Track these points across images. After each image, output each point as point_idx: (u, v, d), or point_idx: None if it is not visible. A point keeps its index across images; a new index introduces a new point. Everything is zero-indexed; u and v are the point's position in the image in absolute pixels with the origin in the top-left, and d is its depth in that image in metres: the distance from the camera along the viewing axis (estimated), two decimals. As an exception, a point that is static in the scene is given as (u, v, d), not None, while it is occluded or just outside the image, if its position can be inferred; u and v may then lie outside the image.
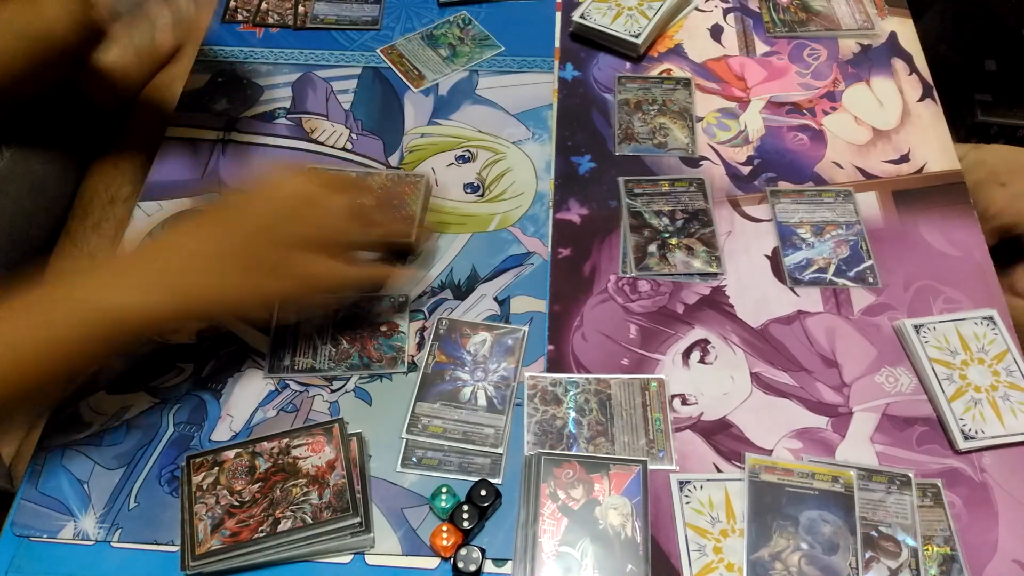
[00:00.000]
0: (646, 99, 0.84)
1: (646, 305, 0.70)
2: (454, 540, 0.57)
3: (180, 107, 0.84)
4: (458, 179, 0.78)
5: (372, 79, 0.86)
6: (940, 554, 0.57)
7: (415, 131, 0.82)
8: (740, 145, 0.81)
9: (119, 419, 0.64)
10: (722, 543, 0.57)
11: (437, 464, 0.61)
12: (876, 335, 0.68)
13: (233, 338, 0.68)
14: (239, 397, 0.65)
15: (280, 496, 0.58)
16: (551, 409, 0.64)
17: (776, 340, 0.68)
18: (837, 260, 0.72)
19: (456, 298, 0.70)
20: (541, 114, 0.83)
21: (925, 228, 0.74)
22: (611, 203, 0.76)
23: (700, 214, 0.75)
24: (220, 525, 0.56)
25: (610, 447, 0.62)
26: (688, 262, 0.72)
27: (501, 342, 0.67)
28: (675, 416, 0.64)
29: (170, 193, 0.78)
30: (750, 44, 0.89)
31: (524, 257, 0.73)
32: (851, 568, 0.56)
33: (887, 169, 0.79)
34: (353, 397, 0.65)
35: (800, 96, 0.85)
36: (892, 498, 0.58)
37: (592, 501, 0.58)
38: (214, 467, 0.59)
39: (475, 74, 0.87)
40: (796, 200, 0.76)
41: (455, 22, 0.91)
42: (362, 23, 0.91)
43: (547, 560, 0.56)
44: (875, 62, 0.87)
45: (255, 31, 0.91)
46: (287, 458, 0.59)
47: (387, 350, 0.67)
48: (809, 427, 0.63)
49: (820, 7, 0.92)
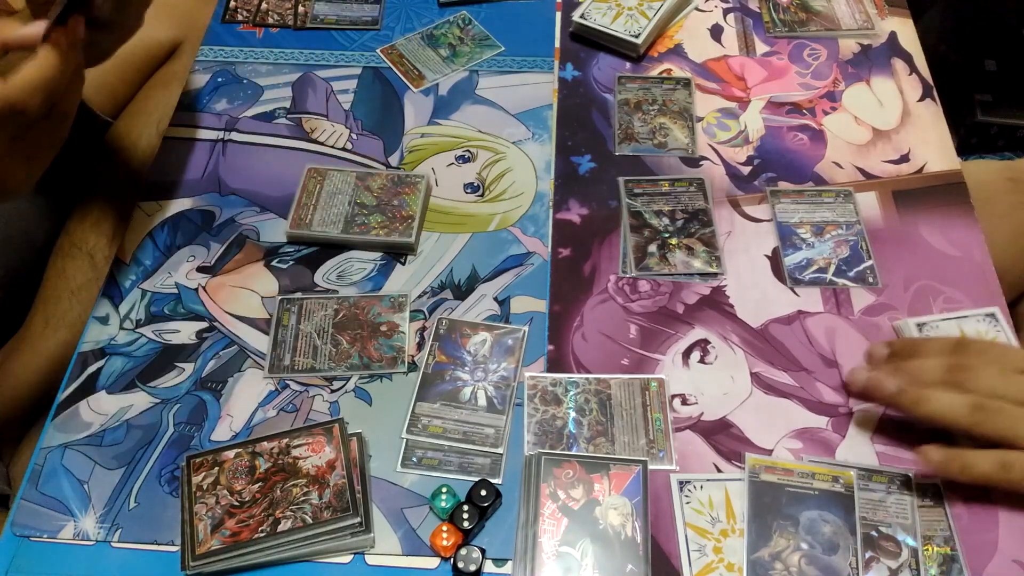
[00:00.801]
0: (646, 99, 0.84)
1: (646, 305, 0.70)
2: (454, 540, 0.57)
3: (180, 107, 0.84)
4: (458, 179, 0.78)
5: (372, 79, 0.86)
6: (940, 554, 0.57)
7: (415, 131, 0.82)
8: (740, 145, 0.81)
9: (119, 419, 0.64)
10: (722, 543, 0.57)
11: (437, 464, 0.61)
12: (876, 335, 0.68)
13: (233, 338, 0.68)
14: (239, 397, 0.65)
15: (280, 496, 0.58)
16: (551, 409, 0.64)
17: (776, 340, 0.68)
18: (837, 260, 0.72)
19: (456, 298, 0.70)
20: (541, 114, 0.83)
21: (925, 228, 0.74)
22: (611, 203, 0.76)
23: (700, 214, 0.75)
24: (220, 525, 0.56)
25: (610, 447, 0.62)
26: (688, 262, 0.72)
27: (501, 342, 0.67)
28: (675, 416, 0.64)
29: (170, 193, 0.78)
30: (750, 44, 0.89)
31: (524, 257, 0.73)
32: (851, 568, 0.56)
33: (887, 169, 0.79)
34: (353, 397, 0.65)
35: (800, 96, 0.85)
36: (892, 498, 0.58)
37: (592, 501, 0.58)
38: (214, 467, 0.59)
39: (475, 74, 0.87)
40: (796, 200, 0.76)
41: (455, 22, 0.91)
42: (362, 23, 0.91)
43: (547, 560, 0.56)
44: (875, 62, 0.87)
45: (255, 31, 0.91)
46: (287, 458, 0.59)
47: (387, 350, 0.67)
48: (809, 427, 0.63)
49: (820, 7, 0.92)
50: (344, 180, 0.77)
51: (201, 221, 0.76)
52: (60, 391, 0.65)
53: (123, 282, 0.72)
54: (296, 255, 0.73)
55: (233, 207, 0.77)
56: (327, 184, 0.76)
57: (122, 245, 0.74)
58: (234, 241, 0.74)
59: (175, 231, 0.75)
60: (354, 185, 0.76)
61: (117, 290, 0.71)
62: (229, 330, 0.69)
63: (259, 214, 0.76)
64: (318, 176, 0.77)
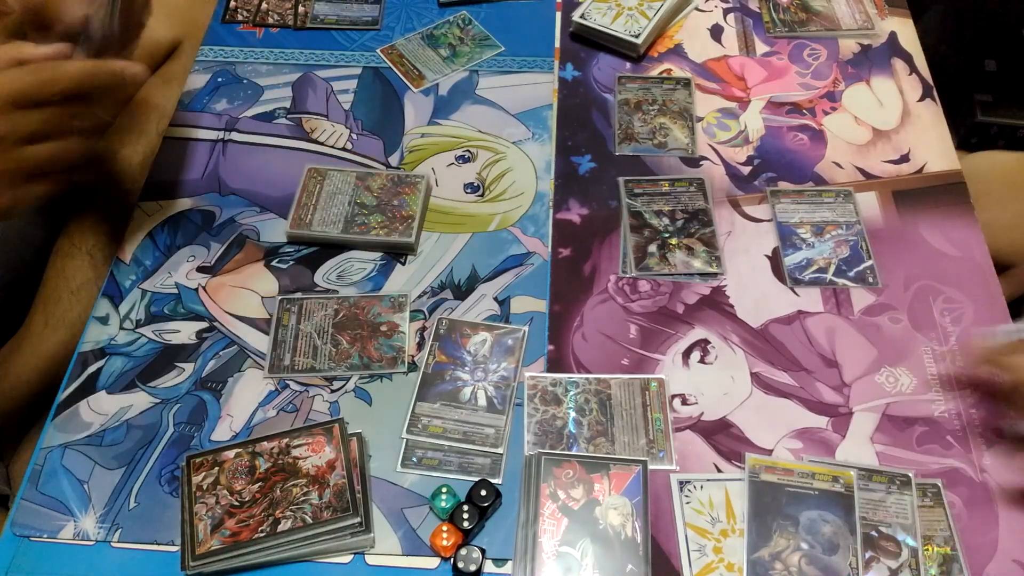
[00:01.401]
0: (646, 99, 0.84)
1: (646, 305, 0.70)
2: (454, 540, 0.57)
3: (180, 107, 0.84)
4: (458, 179, 0.78)
5: (372, 79, 0.86)
6: (940, 554, 0.57)
7: (415, 131, 0.82)
8: (740, 145, 0.81)
9: (119, 419, 0.64)
10: (722, 543, 0.57)
11: (437, 464, 0.61)
12: (876, 335, 0.68)
13: (233, 338, 0.68)
14: (239, 397, 0.65)
15: (280, 496, 0.58)
16: (551, 409, 0.64)
17: (776, 340, 0.68)
18: (837, 260, 0.72)
19: (456, 298, 0.70)
20: (541, 114, 0.83)
21: (925, 228, 0.74)
22: (611, 203, 0.76)
23: (700, 214, 0.75)
24: (220, 525, 0.56)
25: (610, 447, 0.62)
26: (688, 262, 0.72)
27: (501, 342, 0.67)
28: (675, 416, 0.64)
29: (170, 193, 0.78)
30: (750, 44, 0.89)
31: (524, 257, 0.73)
32: (851, 568, 0.56)
33: (887, 169, 0.79)
34: (353, 397, 0.65)
35: (800, 96, 0.85)
36: (892, 498, 0.58)
37: (592, 501, 0.58)
38: (214, 467, 0.59)
39: (475, 74, 0.87)
40: (796, 200, 0.76)
41: (455, 22, 0.91)
42: (362, 23, 0.91)
43: (547, 560, 0.56)
44: (875, 62, 0.87)
45: (255, 31, 0.91)
46: (287, 458, 0.59)
47: (387, 350, 0.67)
48: (809, 427, 0.63)
49: (820, 7, 0.92)
50: (344, 180, 0.76)
51: (201, 221, 0.76)
52: (60, 391, 0.65)
53: (123, 282, 0.72)
54: (296, 255, 0.73)
55: (233, 207, 0.77)
56: (327, 184, 0.76)
57: (122, 245, 0.74)
58: (234, 241, 0.74)
59: (175, 231, 0.75)
60: (354, 185, 0.76)
61: (117, 290, 0.71)
62: (229, 330, 0.69)
63: (259, 214, 0.76)
64: (318, 176, 0.77)
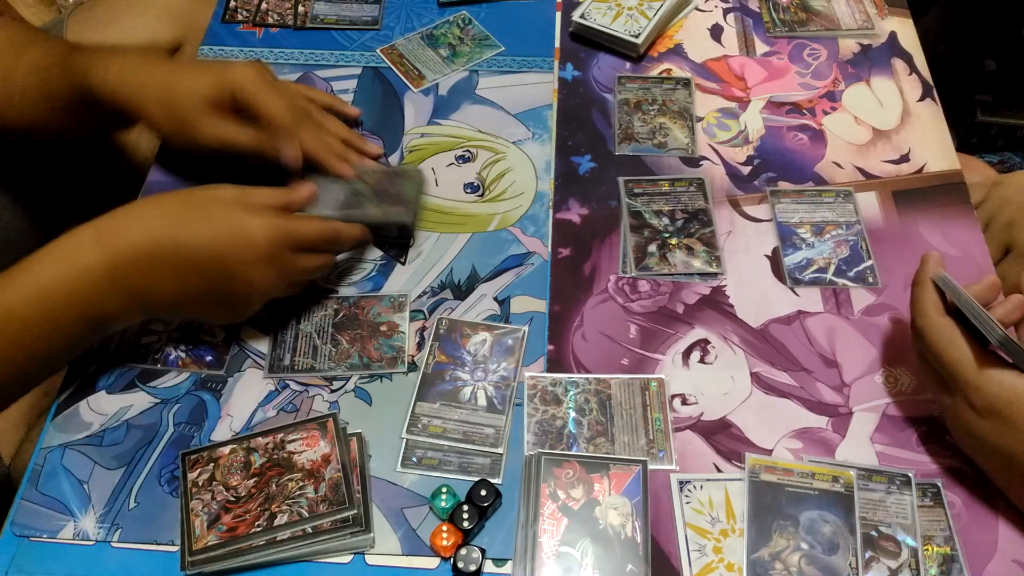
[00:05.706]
0: (646, 99, 0.84)
1: (646, 305, 0.70)
2: (454, 540, 0.57)
3: (180, 107, 0.84)
4: (458, 179, 0.78)
5: (372, 79, 0.86)
6: (940, 554, 0.57)
7: (415, 131, 0.82)
8: (740, 145, 0.81)
9: (119, 419, 0.64)
10: (722, 543, 0.57)
11: (437, 464, 0.62)
12: (876, 335, 0.68)
13: (233, 337, 0.68)
14: (239, 397, 0.65)
15: (276, 490, 0.58)
16: (551, 409, 0.64)
17: (776, 340, 0.68)
18: (837, 260, 0.72)
19: (456, 298, 0.70)
20: (541, 114, 0.83)
21: (925, 228, 0.74)
22: (611, 203, 0.76)
23: (700, 214, 0.75)
24: (216, 520, 0.56)
25: (610, 447, 0.62)
26: (688, 262, 0.72)
27: (501, 342, 0.67)
28: (675, 416, 0.64)
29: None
30: (750, 44, 0.89)
31: (524, 257, 0.73)
32: (851, 568, 0.56)
33: (887, 169, 0.79)
34: (353, 397, 0.65)
35: (800, 96, 0.85)
36: (892, 498, 0.58)
37: (592, 501, 0.58)
38: (209, 463, 0.59)
39: (475, 74, 0.87)
40: (796, 200, 0.76)
41: (455, 22, 0.91)
42: (362, 23, 0.91)
43: (547, 560, 0.56)
44: (875, 62, 0.87)
45: (255, 31, 0.91)
46: (282, 453, 0.59)
47: (387, 350, 0.67)
48: (809, 427, 0.63)
49: (820, 7, 0.92)
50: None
51: (201, 221, 0.76)
52: (60, 391, 0.65)
53: (123, 282, 0.72)
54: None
55: (233, 207, 0.76)
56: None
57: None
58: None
59: (175, 231, 0.75)
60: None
61: (117, 290, 0.71)
62: (229, 330, 0.69)
63: (259, 214, 0.76)
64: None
